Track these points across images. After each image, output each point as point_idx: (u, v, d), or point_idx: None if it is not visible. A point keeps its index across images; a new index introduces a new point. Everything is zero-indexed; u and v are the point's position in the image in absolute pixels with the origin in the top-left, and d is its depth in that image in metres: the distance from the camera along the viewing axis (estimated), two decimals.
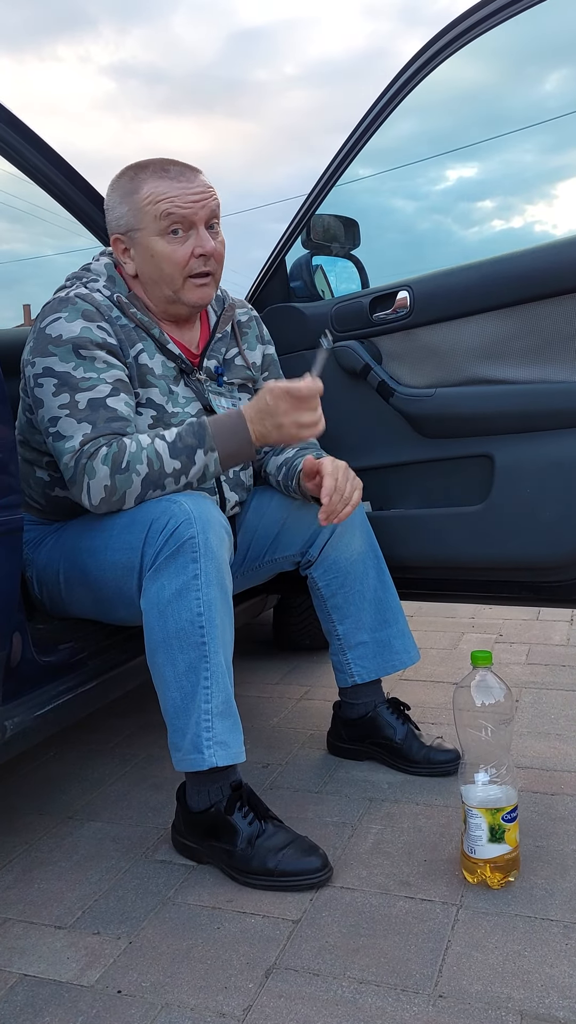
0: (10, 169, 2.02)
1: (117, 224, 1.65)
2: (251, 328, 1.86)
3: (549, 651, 2.59)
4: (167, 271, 1.61)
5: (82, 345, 1.56)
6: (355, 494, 1.65)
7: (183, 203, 1.58)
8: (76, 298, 1.60)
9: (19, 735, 1.45)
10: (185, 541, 1.43)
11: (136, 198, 1.60)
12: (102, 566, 1.55)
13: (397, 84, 1.90)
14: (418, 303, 1.88)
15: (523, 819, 1.49)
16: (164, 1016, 1.15)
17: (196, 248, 1.60)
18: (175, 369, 1.68)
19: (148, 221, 1.60)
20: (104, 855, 1.58)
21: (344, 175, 2.02)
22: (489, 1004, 1.13)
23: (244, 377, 1.81)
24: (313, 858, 1.43)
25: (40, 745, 1.86)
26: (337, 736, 1.93)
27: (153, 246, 1.61)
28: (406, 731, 1.83)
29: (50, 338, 1.57)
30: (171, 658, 1.45)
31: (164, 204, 1.58)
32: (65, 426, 1.53)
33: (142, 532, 1.47)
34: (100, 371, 1.55)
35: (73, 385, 1.54)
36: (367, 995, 1.17)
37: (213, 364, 1.76)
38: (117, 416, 1.53)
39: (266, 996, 1.18)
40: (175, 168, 1.62)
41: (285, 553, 1.83)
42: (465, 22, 1.81)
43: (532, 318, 1.77)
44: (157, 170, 1.61)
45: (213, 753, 1.43)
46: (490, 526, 1.85)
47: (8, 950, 1.32)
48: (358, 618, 1.82)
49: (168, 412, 1.64)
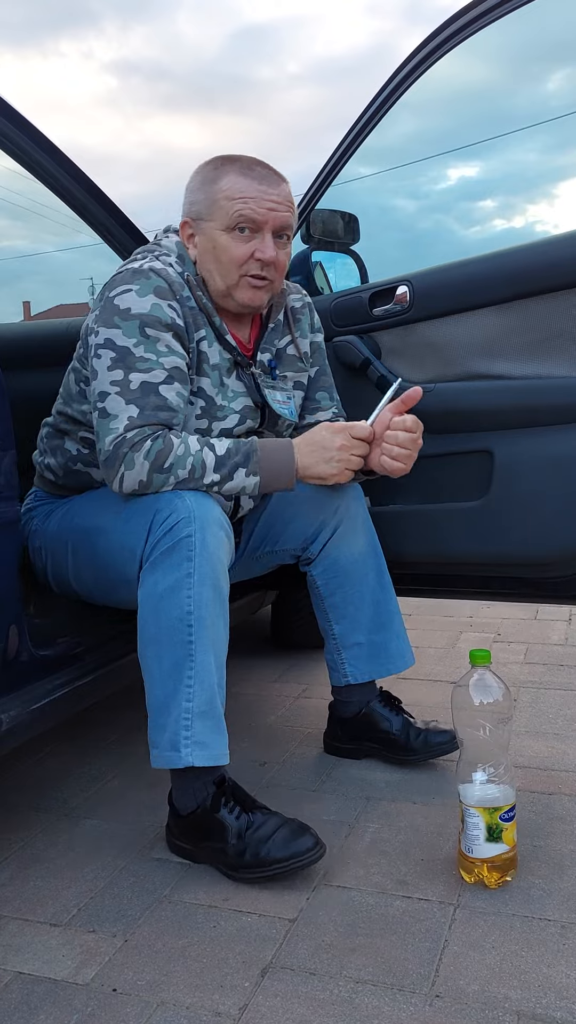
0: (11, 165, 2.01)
1: (190, 209, 1.63)
2: (304, 315, 1.82)
3: (547, 650, 2.59)
4: (224, 264, 1.60)
5: (149, 323, 1.53)
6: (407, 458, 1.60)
7: (257, 206, 1.57)
8: (151, 272, 1.56)
9: (14, 729, 1.44)
10: (182, 539, 1.43)
11: (214, 188, 1.59)
12: (111, 547, 1.55)
13: (396, 80, 1.90)
14: (417, 298, 1.88)
15: (521, 819, 1.48)
16: (159, 1014, 1.15)
17: (257, 252, 1.59)
18: (230, 360, 1.66)
19: (220, 214, 1.58)
20: (100, 852, 1.57)
21: (345, 174, 2.03)
22: (486, 1004, 1.13)
23: (297, 370, 1.79)
24: (304, 838, 1.42)
25: (36, 741, 1.85)
26: (334, 736, 1.92)
27: (217, 238, 1.59)
28: (402, 721, 1.83)
29: (118, 309, 1.53)
30: (159, 654, 1.45)
31: (239, 203, 1.57)
32: (113, 404, 1.50)
33: (147, 521, 1.47)
34: (161, 354, 1.53)
35: (130, 364, 1.51)
36: (364, 995, 1.16)
37: (267, 357, 1.73)
38: (166, 405, 1.51)
39: (262, 995, 1.17)
40: (262, 170, 1.60)
41: (286, 546, 1.82)
42: (462, 18, 1.81)
43: (531, 313, 1.77)
44: (243, 167, 1.60)
45: (190, 752, 1.42)
46: (489, 521, 1.85)
47: (3, 948, 1.31)
48: (355, 619, 1.81)
49: (216, 405, 1.64)
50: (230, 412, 1.65)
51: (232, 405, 1.66)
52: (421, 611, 3.03)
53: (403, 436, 1.57)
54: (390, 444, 1.58)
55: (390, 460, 1.59)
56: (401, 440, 1.57)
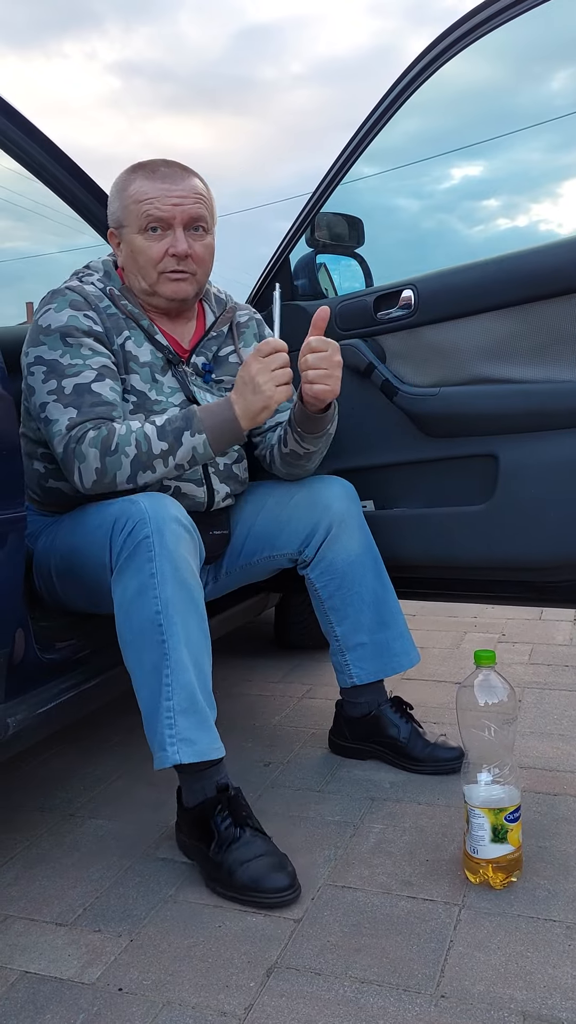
0: (14, 166, 2.02)
1: (111, 218, 1.73)
2: (250, 328, 1.88)
3: (552, 651, 2.59)
4: (142, 264, 1.68)
5: (68, 333, 1.62)
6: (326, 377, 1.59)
7: (162, 204, 1.65)
8: (66, 290, 1.68)
9: (21, 732, 1.45)
10: (140, 542, 1.44)
11: (125, 195, 1.68)
12: (83, 563, 1.58)
13: (402, 83, 1.90)
14: (422, 302, 1.88)
15: (526, 819, 1.48)
16: (165, 1014, 1.15)
17: (170, 248, 1.66)
18: (162, 359, 1.71)
19: (132, 218, 1.67)
20: (105, 852, 1.58)
21: (348, 174, 2.02)
22: (491, 1005, 1.13)
23: (236, 375, 1.80)
24: (280, 876, 1.39)
25: (41, 742, 1.85)
26: (340, 735, 1.92)
27: (134, 242, 1.68)
28: (410, 729, 1.83)
29: (40, 328, 1.65)
30: (138, 658, 1.46)
31: (144, 205, 1.65)
32: (53, 411, 1.59)
33: (107, 532, 1.50)
34: (86, 357, 1.62)
35: (60, 372, 1.60)
36: (369, 995, 1.16)
37: (201, 360, 1.78)
38: (102, 401, 1.59)
39: (267, 995, 1.17)
40: (167, 169, 1.68)
41: (282, 551, 1.82)
42: (471, 21, 1.80)
43: (537, 317, 1.77)
44: (149, 171, 1.68)
45: (177, 750, 1.42)
46: (494, 526, 1.85)
47: (9, 947, 1.32)
48: (356, 620, 1.81)
49: (151, 399, 1.68)
50: (168, 406, 1.69)
51: (171, 399, 1.70)
52: (425, 612, 3.03)
53: (312, 358, 1.58)
54: (305, 369, 1.59)
55: (310, 386, 1.60)
56: (312, 362, 1.58)
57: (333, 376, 1.60)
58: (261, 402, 1.53)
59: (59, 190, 2.08)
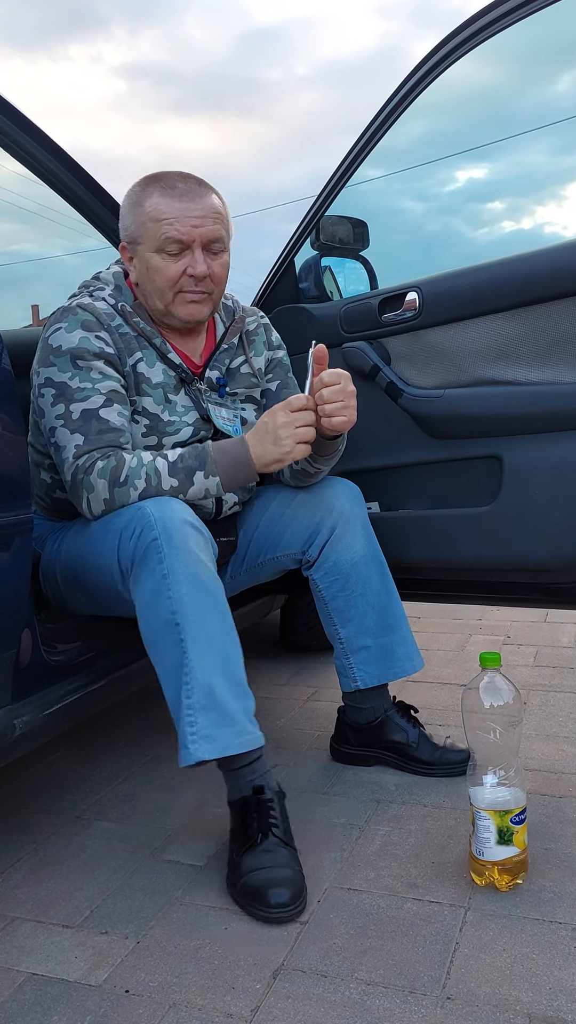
0: (20, 169, 2.03)
1: (124, 233, 1.68)
2: (259, 335, 1.87)
3: (557, 653, 2.59)
4: (159, 285, 1.64)
5: (79, 355, 1.60)
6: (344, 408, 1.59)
7: (181, 226, 1.61)
8: (78, 308, 1.64)
9: (28, 734, 1.45)
10: (149, 544, 1.45)
11: (140, 211, 1.64)
12: (88, 569, 1.59)
13: (407, 86, 1.90)
14: (427, 304, 1.88)
15: (531, 821, 1.49)
16: (172, 1016, 1.15)
17: (188, 269, 1.63)
18: (175, 378, 1.70)
19: (148, 237, 1.63)
20: (112, 855, 1.58)
21: (354, 176, 2.02)
22: (497, 1006, 1.13)
23: (249, 385, 1.82)
24: (283, 890, 1.36)
25: (47, 744, 1.86)
26: (343, 740, 1.91)
27: (149, 260, 1.64)
28: (418, 733, 1.83)
29: (51, 348, 1.62)
30: (160, 659, 1.46)
31: (164, 225, 1.61)
32: (61, 437, 1.59)
33: (115, 540, 1.51)
34: (95, 381, 1.60)
35: (69, 396, 1.59)
36: (375, 997, 1.16)
37: (215, 375, 1.77)
38: (109, 427, 1.58)
39: (274, 997, 1.18)
40: (184, 185, 1.63)
41: (286, 551, 1.81)
42: (476, 23, 1.81)
43: (541, 319, 1.77)
44: (166, 186, 1.63)
45: (198, 747, 1.42)
46: (498, 527, 1.85)
47: (16, 949, 1.32)
48: (360, 622, 1.80)
49: (164, 421, 1.67)
50: (182, 426, 1.68)
51: (185, 419, 1.69)
52: (430, 614, 3.03)
53: (328, 392, 1.57)
54: (321, 404, 1.58)
55: (328, 419, 1.59)
56: (327, 396, 1.57)
57: (349, 406, 1.60)
58: (278, 454, 1.54)
59: (65, 194, 2.08)
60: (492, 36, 1.82)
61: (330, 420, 1.58)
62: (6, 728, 1.40)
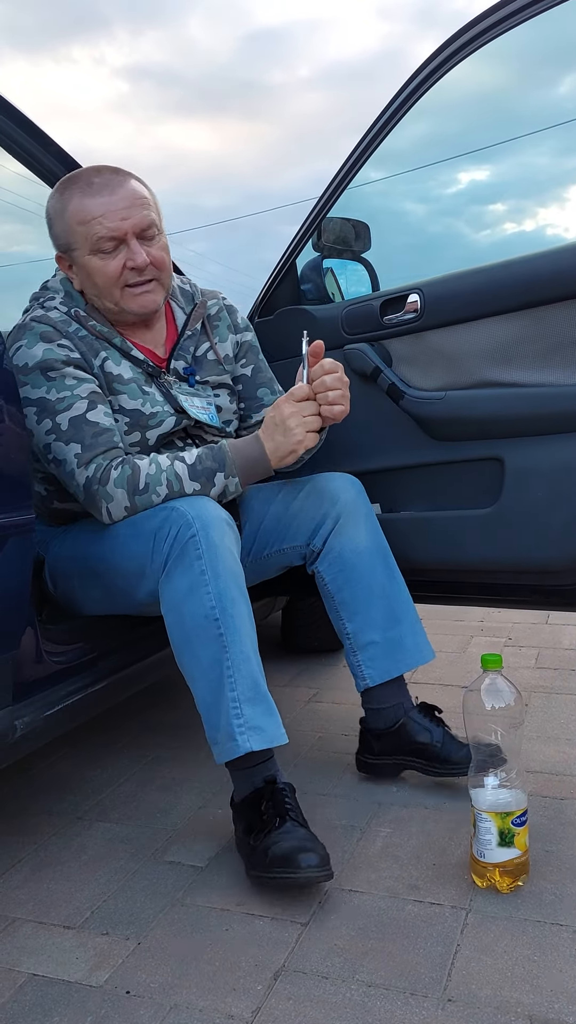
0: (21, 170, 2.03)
1: (55, 243, 1.67)
2: (221, 319, 1.85)
3: (559, 655, 2.59)
4: (103, 285, 1.64)
5: (48, 367, 1.60)
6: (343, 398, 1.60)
7: (109, 222, 1.60)
8: (32, 322, 1.64)
9: (29, 735, 1.45)
10: (187, 541, 1.46)
11: (65, 217, 1.63)
12: (112, 571, 1.59)
13: (409, 88, 1.90)
14: (428, 306, 1.88)
15: (532, 823, 1.49)
16: (173, 1017, 1.16)
17: (128, 261, 1.62)
18: (143, 373, 1.70)
19: (79, 241, 1.62)
20: (113, 856, 1.58)
21: (356, 178, 2.02)
22: (498, 1008, 1.13)
23: (218, 373, 1.81)
24: (311, 855, 1.37)
25: (49, 745, 1.86)
26: (366, 751, 1.83)
27: (87, 263, 1.64)
28: (443, 732, 1.75)
29: (18, 367, 1.60)
30: (194, 655, 1.46)
31: (93, 225, 1.60)
32: (57, 450, 1.59)
33: (148, 543, 1.51)
34: (72, 388, 1.59)
35: (52, 409, 1.59)
36: (376, 998, 1.16)
37: (181, 365, 1.76)
38: (102, 429, 1.58)
39: (275, 998, 1.18)
40: (101, 179, 1.62)
41: (292, 543, 1.80)
42: (479, 25, 1.81)
43: (543, 321, 1.77)
44: (83, 184, 1.63)
45: (247, 739, 1.43)
46: (500, 529, 1.85)
47: (17, 950, 1.32)
48: (367, 615, 1.76)
49: (145, 414, 1.66)
50: (165, 416, 1.68)
51: (166, 409, 1.69)
52: (432, 615, 3.02)
53: (330, 379, 1.58)
54: (323, 392, 1.59)
55: (329, 407, 1.59)
56: (330, 383, 1.58)
57: (346, 396, 1.62)
58: (290, 445, 1.55)
59: None
60: (495, 38, 1.82)
61: (331, 409, 1.59)
62: (7, 729, 1.40)
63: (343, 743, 2.02)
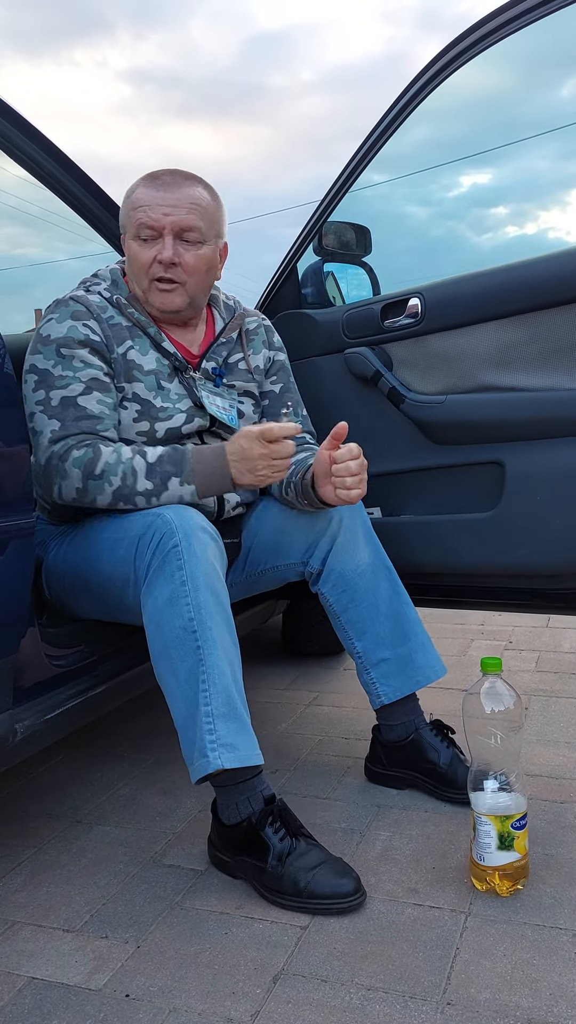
0: (23, 174, 2.03)
1: (120, 225, 1.75)
2: (259, 335, 1.88)
3: (559, 658, 2.59)
4: (135, 271, 1.71)
5: (64, 344, 1.64)
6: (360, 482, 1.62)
7: (153, 212, 1.66)
8: (70, 300, 1.69)
9: (29, 738, 1.45)
10: (169, 551, 1.45)
11: (128, 203, 1.71)
12: (101, 577, 1.59)
13: (412, 90, 1.90)
14: (429, 310, 1.89)
15: (532, 827, 1.48)
16: (172, 1020, 1.15)
17: (158, 255, 1.66)
18: (169, 366, 1.72)
19: (129, 225, 1.70)
20: (112, 859, 1.58)
21: (357, 181, 2.03)
22: (497, 1012, 1.13)
23: (246, 380, 1.83)
24: (345, 880, 1.38)
25: (48, 748, 1.86)
26: (376, 761, 1.83)
27: (130, 247, 1.71)
28: (451, 755, 1.73)
29: (40, 337, 1.66)
30: (172, 667, 1.45)
31: (139, 212, 1.67)
32: (38, 422, 1.61)
33: (132, 548, 1.51)
34: (77, 370, 1.63)
35: (50, 383, 1.62)
36: (375, 1002, 1.16)
37: (212, 365, 1.78)
38: (86, 415, 1.61)
39: (274, 1002, 1.18)
40: (167, 178, 1.69)
41: (286, 561, 1.79)
42: (481, 29, 1.81)
43: (543, 325, 1.77)
44: (151, 178, 1.70)
45: (218, 756, 1.39)
46: (500, 533, 1.85)
47: (16, 953, 1.32)
48: (376, 633, 1.74)
49: (156, 407, 1.69)
50: (175, 412, 1.70)
51: (178, 405, 1.71)
52: (432, 619, 3.02)
53: (355, 465, 1.60)
54: (342, 476, 1.60)
55: (346, 491, 1.61)
56: (355, 469, 1.60)
57: (364, 480, 1.63)
58: (252, 481, 1.55)
59: (67, 198, 2.09)
60: (497, 42, 1.82)
61: (346, 493, 1.61)
62: (7, 732, 1.40)
63: (343, 747, 2.02)
